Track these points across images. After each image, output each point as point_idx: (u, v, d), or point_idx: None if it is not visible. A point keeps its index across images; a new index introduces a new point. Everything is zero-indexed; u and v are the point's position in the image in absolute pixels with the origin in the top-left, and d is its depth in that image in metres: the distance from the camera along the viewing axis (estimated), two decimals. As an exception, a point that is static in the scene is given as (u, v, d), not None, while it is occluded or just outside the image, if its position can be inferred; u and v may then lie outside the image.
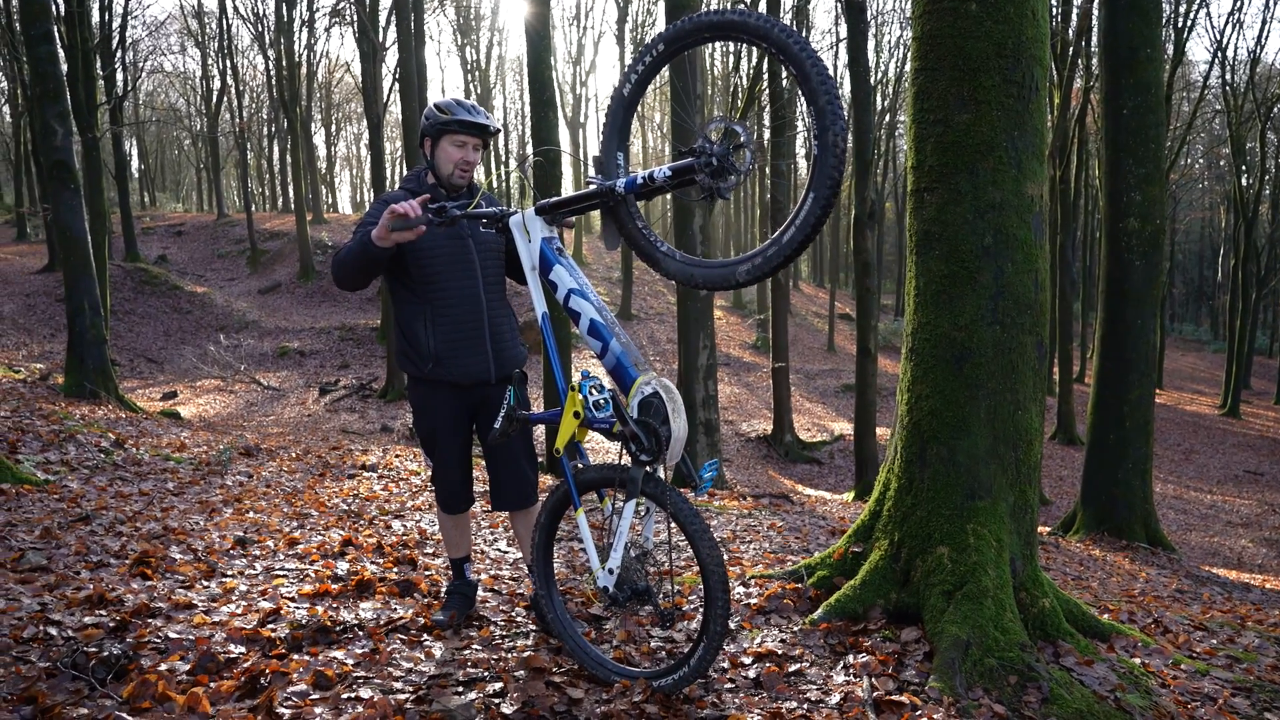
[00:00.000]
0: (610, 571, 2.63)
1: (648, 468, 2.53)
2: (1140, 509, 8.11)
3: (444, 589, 3.63)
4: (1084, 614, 3.37)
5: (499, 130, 3.12)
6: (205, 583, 3.54)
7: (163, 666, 2.57)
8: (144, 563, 3.65)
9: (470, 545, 3.42)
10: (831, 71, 2.18)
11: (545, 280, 2.81)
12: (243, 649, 2.78)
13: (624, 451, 2.56)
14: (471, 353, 3.06)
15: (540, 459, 9.13)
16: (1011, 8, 3.13)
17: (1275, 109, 28.00)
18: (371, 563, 4.07)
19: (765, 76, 16.27)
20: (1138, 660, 3.15)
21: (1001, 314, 3.18)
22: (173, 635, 2.81)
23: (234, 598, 3.35)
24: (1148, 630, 3.85)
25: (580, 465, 2.78)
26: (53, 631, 2.73)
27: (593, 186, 2.62)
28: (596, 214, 3.07)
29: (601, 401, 2.64)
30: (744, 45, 2.82)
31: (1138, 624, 3.96)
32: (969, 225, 3.20)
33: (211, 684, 2.50)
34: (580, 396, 2.65)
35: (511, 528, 3.86)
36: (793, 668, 2.85)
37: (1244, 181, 28.16)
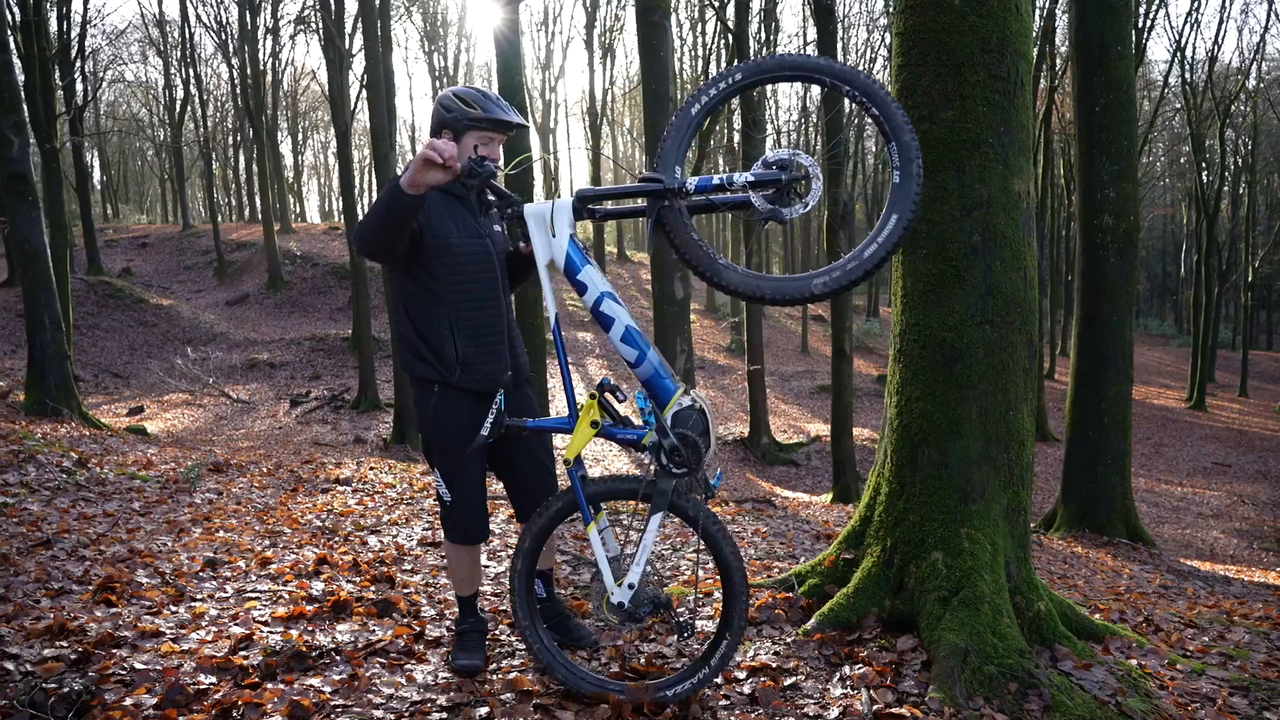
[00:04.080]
0: (630, 587, 2.56)
1: (677, 480, 2.51)
2: (1120, 505, 8.15)
3: (452, 629, 3.30)
4: (1077, 616, 3.33)
5: (525, 125, 3.04)
6: (173, 608, 3.38)
7: (128, 701, 2.43)
8: (108, 588, 3.49)
9: (480, 579, 3.14)
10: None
11: (573, 281, 2.61)
12: (213, 679, 2.64)
13: (653, 463, 2.51)
14: (495, 358, 2.87)
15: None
16: (995, 1, 3.08)
17: (1233, 107, 28.53)
18: (348, 581, 3.93)
19: (820, 110, 16.25)
20: (1134, 662, 3.10)
21: (991, 313, 3.12)
22: (139, 666, 2.67)
23: (204, 623, 3.20)
24: (1140, 629, 3.82)
25: (583, 477, 2.64)
26: (9, 666, 2.58)
27: (651, 185, 2.53)
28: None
29: (617, 416, 2.62)
30: (818, 87, 3.12)
31: (1129, 623, 3.93)
32: (956, 223, 3.14)
33: (180, 718, 2.37)
34: (598, 405, 2.57)
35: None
36: (788, 681, 2.76)
37: (1205, 178, 28.65)
